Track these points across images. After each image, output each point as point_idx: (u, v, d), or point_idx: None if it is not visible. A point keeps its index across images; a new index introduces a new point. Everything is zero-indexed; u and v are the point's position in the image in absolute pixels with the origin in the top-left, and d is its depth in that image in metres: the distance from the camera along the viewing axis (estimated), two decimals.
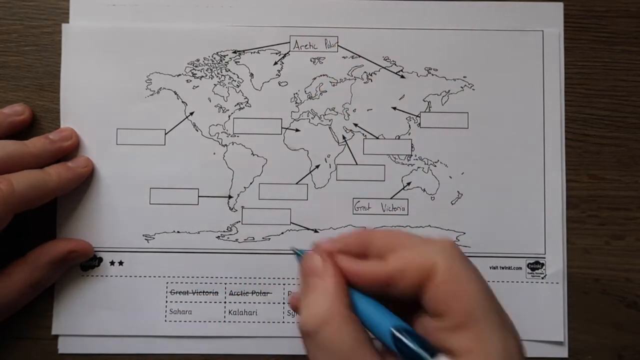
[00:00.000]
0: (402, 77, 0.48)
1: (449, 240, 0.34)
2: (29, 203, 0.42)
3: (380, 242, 0.34)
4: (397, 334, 0.31)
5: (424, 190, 0.47)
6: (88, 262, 0.46)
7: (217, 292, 0.47)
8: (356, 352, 0.31)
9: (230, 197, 0.47)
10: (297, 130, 0.47)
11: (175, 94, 0.47)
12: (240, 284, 0.47)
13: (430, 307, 0.32)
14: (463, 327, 0.31)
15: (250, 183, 0.47)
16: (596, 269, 0.47)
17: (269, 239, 0.47)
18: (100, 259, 0.47)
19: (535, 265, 0.47)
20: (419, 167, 0.47)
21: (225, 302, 0.47)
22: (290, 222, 0.47)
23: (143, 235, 0.47)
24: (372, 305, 0.33)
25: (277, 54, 0.48)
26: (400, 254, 0.33)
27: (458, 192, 0.47)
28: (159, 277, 0.47)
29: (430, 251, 0.33)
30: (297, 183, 0.47)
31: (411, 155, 0.47)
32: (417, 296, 0.32)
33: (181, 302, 0.46)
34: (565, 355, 0.47)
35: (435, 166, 0.47)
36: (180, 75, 0.47)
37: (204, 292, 0.47)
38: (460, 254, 0.33)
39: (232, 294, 0.47)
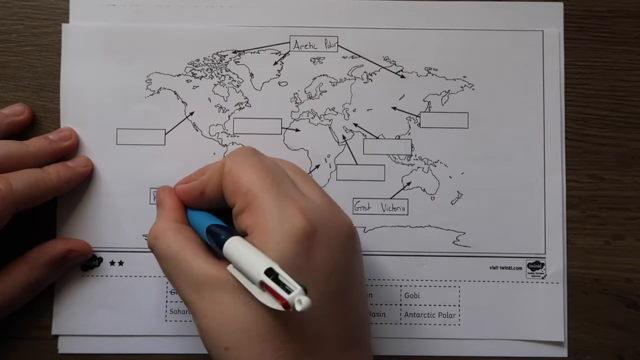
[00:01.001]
0: (402, 77, 0.48)
1: (244, 146, 0.41)
2: (28, 202, 0.42)
3: (205, 168, 0.41)
4: (210, 228, 0.37)
5: (424, 190, 0.47)
6: (88, 262, 0.46)
7: None
8: (180, 252, 0.36)
9: None
10: (297, 130, 0.47)
11: (175, 94, 0.47)
12: None
13: (228, 201, 0.38)
14: (247, 207, 0.36)
15: None
16: (596, 269, 0.47)
17: None
18: (100, 259, 0.47)
19: (535, 265, 0.47)
20: (419, 167, 0.47)
21: None
22: None
23: (143, 235, 0.47)
24: (199, 215, 0.40)
25: (277, 54, 0.48)
26: (209, 169, 0.40)
27: (458, 192, 0.47)
28: (159, 277, 0.47)
29: (224, 160, 0.39)
30: None
31: (411, 155, 0.47)
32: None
33: (181, 302, 0.46)
34: (565, 355, 0.47)
35: (435, 166, 0.47)
36: (180, 75, 0.47)
37: None
38: (248, 150, 0.39)
39: None
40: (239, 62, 0.47)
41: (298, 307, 0.30)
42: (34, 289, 0.44)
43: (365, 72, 0.47)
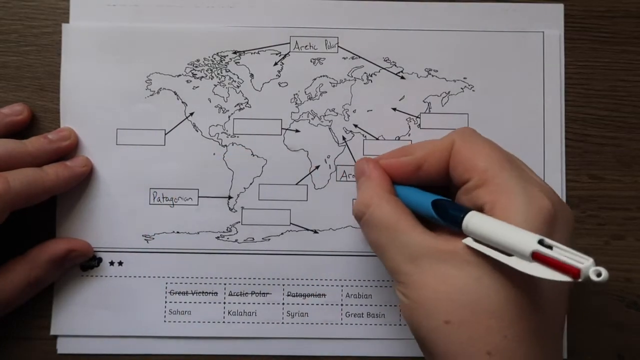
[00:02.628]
0: (402, 78, 0.48)
1: (467, 126, 0.41)
2: (25, 200, 0.42)
3: (413, 146, 0.41)
4: (439, 202, 0.37)
5: None
6: (87, 262, 0.46)
7: (217, 293, 0.47)
8: (398, 222, 0.37)
9: (230, 197, 0.47)
10: (297, 131, 0.47)
11: (175, 94, 0.47)
12: (239, 284, 0.47)
13: (455, 179, 0.38)
14: (484, 184, 0.36)
15: (250, 184, 0.47)
16: None
17: (269, 239, 0.47)
18: (100, 259, 0.46)
19: None
20: None
21: (224, 303, 0.47)
22: (290, 223, 0.47)
23: (142, 235, 0.47)
24: (412, 190, 0.40)
25: (277, 54, 0.48)
26: (426, 146, 0.40)
27: None
28: (159, 277, 0.47)
29: (450, 135, 0.39)
30: (296, 184, 0.47)
31: None
32: (445, 175, 0.39)
33: (180, 302, 0.46)
34: (565, 355, 0.46)
35: None
36: (180, 75, 0.47)
37: (203, 292, 0.47)
38: (475, 131, 0.39)
39: (231, 295, 0.47)
40: (239, 62, 0.48)
41: (594, 277, 0.29)
42: (34, 288, 0.44)
43: (365, 73, 0.48)
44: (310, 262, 0.47)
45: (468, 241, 0.34)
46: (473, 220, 0.34)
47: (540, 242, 0.31)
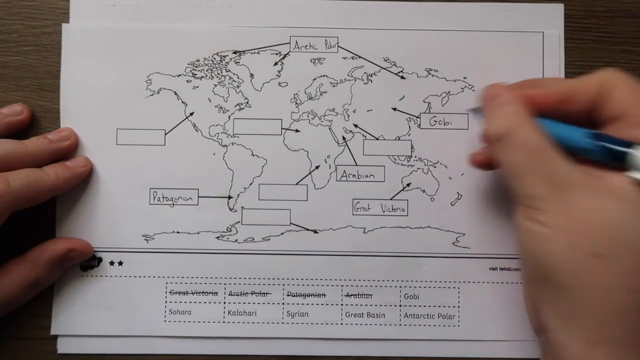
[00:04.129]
0: (402, 78, 0.48)
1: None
2: (26, 201, 0.42)
3: (543, 81, 0.41)
4: (601, 134, 0.36)
5: (424, 191, 0.47)
6: (87, 262, 0.46)
7: (217, 293, 0.47)
8: (546, 148, 0.35)
9: (230, 197, 0.47)
10: (297, 130, 0.47)
11: (176, 94, 0.47)
12: (240, 284, 0.47)
13: (609, 114, 0.37)
14: None
15: (250, 183, 0.47)
16: None
17: (269, 239, 0.47)
18: (100, 259, 0.47)
19: None
20: (418, 168, 0.47)
21: (224, 303, 0.47)
22: (290, 223, 0.47)
23: (143, 235, 0.47)
24: (557, 123, 0.38)
25: (277, 54, 0.48)
26: (571, 80, 0.39)
27: (458, 193, 0.47)
28: (159, 277, 0.47)
29: (605, 73, 0.38)
30: (297, 184, 0.47)
31: (411, 156, 0.47)
32: (591, 111, 0.38)
33: (181, 302, 0.46)
34: None
35: (435, 167, 0.47)
36: (180, 75, 0.47)
37: (203, 292, 0.47)
38: (621, 71, 0.38)
39: (231, 295, 0.47)
40: (239, 62, 0.48)
41: None
42: (34, 288, 0.44)
43: (365, 72, 0.47)
44: (310, 262, 0.47)
45: (636, 174, 0.34)
46: None
47: None
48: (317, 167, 0.47)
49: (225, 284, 0.47)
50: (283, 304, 0.47)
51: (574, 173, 0.35)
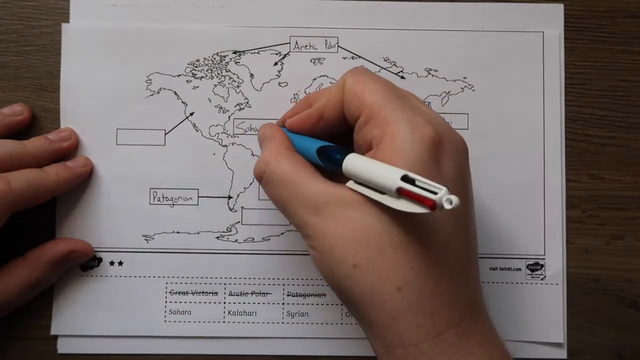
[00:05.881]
0: (402, 77, 0.48)
1: (358, 66, 0.41)
2: (27, 201, 0.42)
3: (316, 95, 0.40)
4: (322, 149, 0.37)
5: None
6: (88, 262, 0.46)
7: (217, 293, 0.47)
8: (296, 175, 0.36)
9: (230, 197, 0.47)
10: None
11: (176, 94, 0.47)
12: (239, 284, 0.47)
13: (349, 117, 0.38)
14: (371, 118, 0.36)
15: (250, 183, 0.47)
16: (596, 269, 0.47)
17: (269, 239, 0.47)
18: (100, 259, 0.46)
19: (535, 267, 0.47)
20: None
21: (224, 303, 0.47)
22: (290, 223, 0.47)
23: (143, 235, 0.47)
24: (306, 140, 0.39)
25: (277, 54, 0.48)
26: (324, 93, 0.39)
27: None
28: (159, 277, 0.47)
29: (341, 77, 0.39)
30: None
31: None
32: (346, 120, 0.38)
33: (181, 302, 0.46)
34: (565, 356, 0.46)
35: None
36: (180, 75, 0.47)
37: (203, 292, 0.47)
38: (366, 69, 0.40)
39: (231, 295, 0.47)
40: (239, 62, 0.48)
41: (447, 206, 0.29)
42: (34, 289, 0.44)
43: None
44: (310, 262, 0.46)
45: (350, 184, 0.35)
46: (351, 162, 0.35)
47: (405, 178, 0.31)
48: None
49: (225, 284, 0.47)
50: (283, 304, 0.47)
51: (325, 191, 0.35)
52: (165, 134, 0.47)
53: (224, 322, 0.47)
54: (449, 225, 0.34)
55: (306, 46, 0.48)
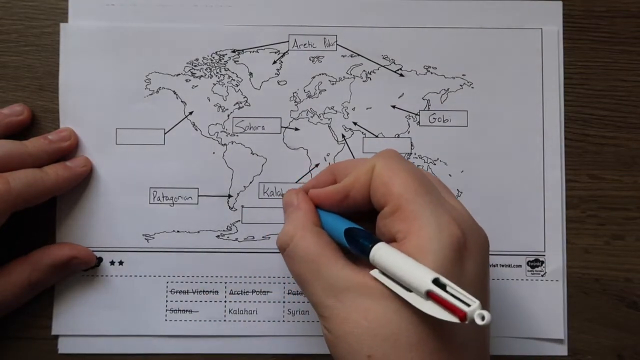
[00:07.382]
0: (401, 75, 0.47)
1: (390, 148, 0.40)
2: (26, 201, 0.42)
3: (342, 168, 0.40)
4: (348, 232, 0.36)
5: None
6: None
7: (217, 292, 0.47)
8: (320, 255, 0.36)
9: (230, 196, 0.47)
10: (296, 129, 0.47)
11: (175, 93, 0.47)
12: (240, 283, 0.47)
13: (375, 203, 0.37)
14: (398, 210, 0.35)
15: (250, 182, 0.47)
16: (596, 269, 0.47)
17: (269, 238, 0.47)
18: (100, 259, 0.47)
19: (535, 263, 0.47)
20: (418, 165, 0.47)
21: (225, 302, 0.47)
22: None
23: (143, 235, 0.47)
24: (333, 217, 0.39)
25: (276, 53, 0.47)
26: (353, 172, 0.38)
27: (457, 190, 0.47)
28: (159, 276, 0.47)
29: (372, 158, 0.38)
30: (296, 182, 0.47)
31: (411, 153, 0.47)
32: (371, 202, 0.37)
33: (181, 301, 0.47)
34: (565, 353, 0.47)
35: (434, 164, 0.47)
36: (179, 74, 0.47)
37: (204, 291, 0.47)
38: (397, 154, 0.38)
39: (232, 293, 0.47)
40: (238, 61, 0.47)
41: (479, 321, 0.29)
42: (34, 290, 0.44)
43: (364, 70, 0.47)
44: None
45: (375, 273, 0.34)
46: (379, 253, 0.34)
47: (436, 281, 0.30)
48: (316, 165, 0.47)
49: (225, 282, 0.47)
50: (283, 302, 0.47)
51: (347, 277, 0.34)
52: (165, 133, 0.47)
53: (224, 320, 0.47)
54: (467, 330, 0.34)
55: (305, 44, 0.48)
